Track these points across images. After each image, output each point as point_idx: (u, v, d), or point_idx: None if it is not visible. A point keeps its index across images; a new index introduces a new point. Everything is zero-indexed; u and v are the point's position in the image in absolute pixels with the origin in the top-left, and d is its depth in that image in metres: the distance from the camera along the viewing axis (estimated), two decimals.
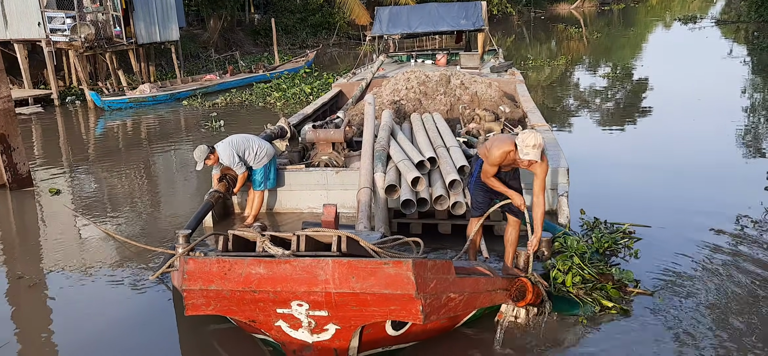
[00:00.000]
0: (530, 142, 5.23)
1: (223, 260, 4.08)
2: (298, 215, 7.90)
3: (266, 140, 8.17)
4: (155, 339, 5.68)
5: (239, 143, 7.42)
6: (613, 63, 26.78)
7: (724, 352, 5.03)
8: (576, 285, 5.69)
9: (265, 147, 7.56)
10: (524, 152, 5.25)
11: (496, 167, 5.52)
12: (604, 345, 5.18)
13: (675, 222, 7.61)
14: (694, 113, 14.62)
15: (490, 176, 5.58)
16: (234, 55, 28.53)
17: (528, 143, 5.23)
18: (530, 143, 5.22)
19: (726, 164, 10.47)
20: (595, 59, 28.40)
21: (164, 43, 24.42)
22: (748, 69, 22.71)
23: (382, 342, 4.71)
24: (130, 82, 22.49)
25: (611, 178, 9.89)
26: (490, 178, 5.59)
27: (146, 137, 15.61)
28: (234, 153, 7.29)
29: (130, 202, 9.80)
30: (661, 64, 24.65)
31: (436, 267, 4.18)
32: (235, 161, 7.31)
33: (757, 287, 6.07)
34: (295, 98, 18.89)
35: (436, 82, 11.81)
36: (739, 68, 22.59)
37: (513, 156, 5.39)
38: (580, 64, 26.58)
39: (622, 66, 25.50)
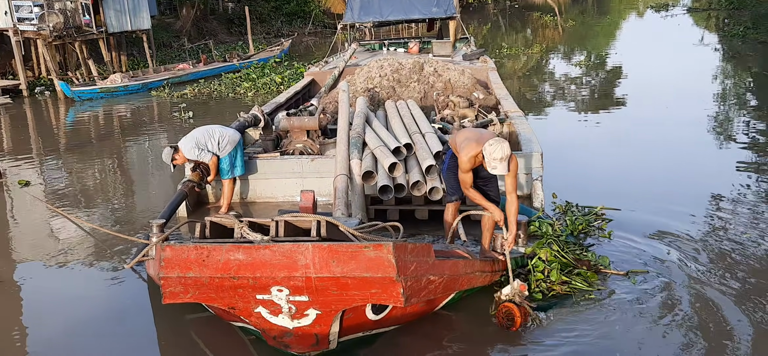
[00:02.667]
0: (497, 155, 5.19)
1: (201, 247, 4.05)
2: (273, 203, 7.85)
3: (239, 129, 8.10)
4: (132, 330, 5.60)
5: (200, 136, 7.31)
6: (587, 51, 27.01)
7: (697, 329, 5.11)
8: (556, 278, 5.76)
9: (227, 135, 7.44)
10: (492, 165, 5.23)
11: (469, 171, 5.51)
12: (580, 326, 5.24)
13: (646, 205, 7.72)
14: (667, 101, 14.81)
15: (468, 187, 5.56)
16: (207, 44, 28.19)
17: (495, 156, 5.19)
18: (498, 157, 5.19)
19: (697, 149, 10.64)
20: (569, 47, 28.59)
21: (135, 32, 24.04)
22: (719, 56, 23.09)
23: (363, 326, 4.72)
24: (100, 72, 22.12)
25: (584, 163, 9.99)
26: (469, 189, 5.57)
27: (118, 127, 15.40)
28: (195, 146, 7.18)
29: (102, 193, 9.68)
30: (634, 52, 24.90)
31: (416, 250, 4.20)
32: (197, 154, 7.20)
33: (728, 264, 6.19)
34: (266, 88, 18.73)
35: (410, 69, 11.80)
36: (710, 55, 22.96)
37: (480, 159, 5.38)
38: (555, 52, 26.75)
39: (596, 54, 25.72)
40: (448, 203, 5.92)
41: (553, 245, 6.00)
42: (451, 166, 5.79)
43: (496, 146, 5.21)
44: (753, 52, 22.81)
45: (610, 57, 24.24)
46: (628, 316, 5.35)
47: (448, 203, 5.92)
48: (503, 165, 5.20)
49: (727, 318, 5.25)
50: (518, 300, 5.22)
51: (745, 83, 17.73)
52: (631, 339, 5.01)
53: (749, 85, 17.39)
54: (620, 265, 6.22)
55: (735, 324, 5.15)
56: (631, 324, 5.23)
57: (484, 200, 5.59)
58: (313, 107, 9.92)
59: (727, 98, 15.74)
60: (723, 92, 16.66)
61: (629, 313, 5.41)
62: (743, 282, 5.83)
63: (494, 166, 5.22)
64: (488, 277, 5.54)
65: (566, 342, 5.01)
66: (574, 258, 6.05)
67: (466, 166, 5.45)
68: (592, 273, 5.95)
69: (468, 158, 5.41)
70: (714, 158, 10.21)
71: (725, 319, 5.23)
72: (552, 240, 6.08)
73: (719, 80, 18.47)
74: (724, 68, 20.61)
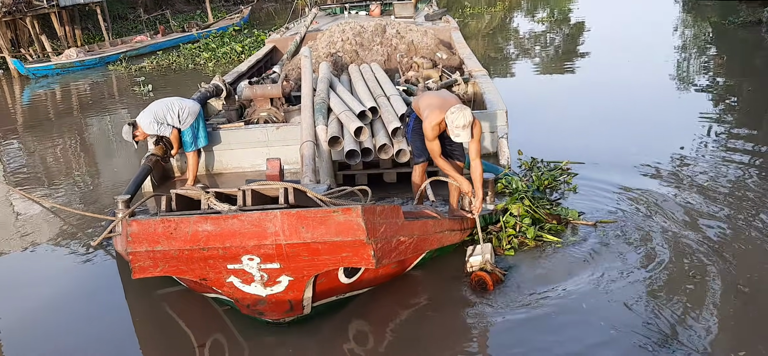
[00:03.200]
0: (460, 123, 5.18)
1: (167, 220, 4.01)
2: (240, 173, 7.78)
3: (201, 100, 7.97)
4: (104, 308, 5.53)
5: (158, 110, 7.14)
6: (550, 7, 27.08)
7: (663, 275, 5.24)
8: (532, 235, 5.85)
9: (187, 107, 7.30)
10: (455, 133, 5.23)
11: (435, 139, 5.50)
12: (550, 278, 5.34)
13: (610, 158, 7.84)
14: (629, 54, 14.98)
15: (438, 156, 5.56)
16: (165, 15, 27.62)
17: (457, 123, 5.19)
18: (460, 124, 5.18)
19: (659, 101, 10.82)
20: (532, 4, 28.69)
21: (89, 5, 23.47)
22: (679, 7, 23.41)
23: (336, 290, 4.75)
24: (55, 48, 21.57)
25: (549, 119, 10.09)
26: (439, 158, 5.58)
27: (77, 104, 15.08)
28: (154, 121, 7.04)
29: (65, 172, 9.50)
30: (596, 7, 25.08)
31: (385, 212, 4.21)
32: (157, 128, 7.07)
33: (691, 210, 6.34)
34: (226, 58, 18.48)
35: (372, 32, 11.71)
36: (671, 7, 23.25)
37: (445, 125, 5.37)
38: (518, 10, 26.81)
39: (558, 10, 25.82)
40: (415, 165, 5.94)
41: (525, 201, 6.08)
42: (416, 128, 5.79)
43: (458, 114, 5.20)
44: (711, 1, 23.16)
45: (572, 13, 24.39)
46: (597, 266, 5.46)
47: (415, 165, 5.94)
48: (466, 133, 5.22)
49: (693, 263, 5.38)
50: (490, 268, 5.29)
51: (705, 33, 18.03)
52: (600, 288, 5.11)
53: (708, 36, 17.69)
54: (587, 217, 6.33)
55: (700, 269, 5.28)
56: (599, 273, 5.33)
57: (452, 171, 5.61)
58: (276, 75, 9.80)
59: (687, 49, 15.99)
60: (683, 43, 16.92)
61: (597, 263, 5.51)
62: (707, 228, 5.98)
63: (457, 134, 5.23)
64: (458, 235, 5.59)
65: (537, 294, 5.10)
66: (546, 213, 6.14)
67: (431, 134, 5.44)
68: (562, 226, 6.06)
69: (432, 127, 5.40)
70: (676, 109, 10.39)
71: (691, 264, 5.36)
72: (523, 195, 6.15)
73: (680, 31, 18.73)
74: (684, 19, 20.89)
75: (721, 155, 7.84)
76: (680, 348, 4.30)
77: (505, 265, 5.53)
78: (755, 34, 16.69)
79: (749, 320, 4.60)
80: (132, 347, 4.96)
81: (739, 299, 4.84)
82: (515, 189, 6.29)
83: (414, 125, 5.80)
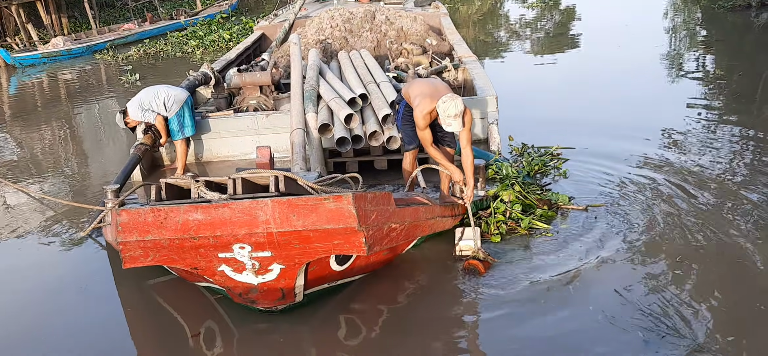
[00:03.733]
0: (451, 112, 5.15)
1: (157, 209, 3.99)
2: (230, 162, 7.75)
3: (189, 88, 7.93)
4: (95, 299, 5.49)
5: (144, 97, 7.15)
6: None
7: (653, 259, 5.27)
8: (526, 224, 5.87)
9: (173, 94, 7.28)
10: (446, 123, 5.21)
11: (426, 128, 5.47)
12: (540, 262, 5.36)
13: (601, 142, 7.85)
14: (619, 39, 15.00)
15: (429, 144, 5.54)
16: (152, 2, 27.34)
17: (449, 112, 5.15)
18: (452, 113, 5.15)
19: (649, 86, 10.84)
20: None
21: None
22: None
23: (328, 278, 4.75)
24: (41, 37, 21.36)
25: (539, 105, 10.09)
26: (430, 147, 5.55)
27: (65, 93, 14.95)
28: (139, 107, 7.04)
29: (53, 163, 9.44)
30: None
31: (376, 199, 4.21)
32: (141, 114, 7.06)
33: (681, 194, 6.37)
34: (214, 45, 18.34)
35: (361, 18, 11.67)
36: None
37: (435, 114, 5.35)
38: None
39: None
40: (406, 152, 5.92)
41: (515, 187, 6.09)
42: (406, 115, 5.77)
43: (449, 103, 5.17)
44: None
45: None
46: (587, 250, 5.48)
47: (406, 152, 5.92)
48: (458, 122, 5.20)
49: (683, 247, 5.41)
50: (482, 256, 5.31)
51: (695, 17, 18.08)
52: (591, 273, 5.14)
53: (698, 19, 17.74)
54: (578, 201, 6.34)
55: (690, 252, 5.32)
56: (590, 258, 5.35)
57: (443, 159, 5.60)
58: (265, 62, 9.74)
59: (677, 33, 16.03)
60: (674, 27, 16.96)
61: (587, 247, 5.54)
62: (697, 211, 6.01)
63: (449, 123, 5.20)
64: (449, 221, 5.60)
65: (528, 280, 5.12)
66: (536, 199, 6.16)
67: (422, 123, 5.42)
68: (553, 212, 6.08)
69: (423, 116, 5.37)
70: (666, 93, 10.41)
71: (682, 248, 5.39)
72: (514, 182, 6.16)
73: (670, 16, 18.76)
74: (674, 3, 20.93)
75: (711, 139, 7.88)
76: (671, 332, 4.32)
77: (494, 251, 5.54)
78: (745, 17, 16.75)
79: (741, 303, 4.63)
80: (123, 336, 4.95)
81: (730, 282, 4.88)
82: (506, 175, 6.30)
83: (404, 112, 5.78)
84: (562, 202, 6.25)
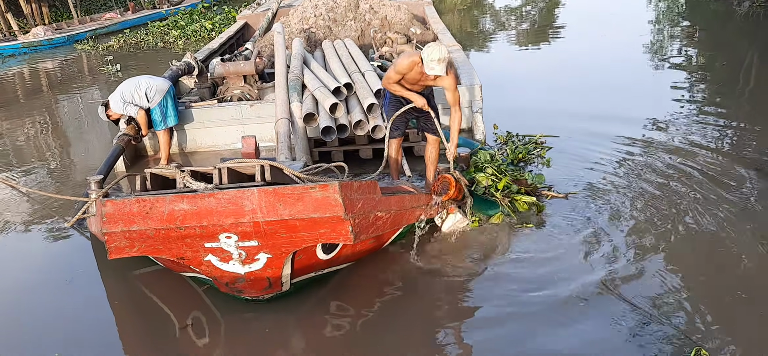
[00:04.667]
0: (435, 56, 5.10)
1: (143, 200, 3.98)
2: (214, 152, 7.72)
3: (172, 78, 7.88)
4: (81, 291, 5.44)
5: (125, 90, 7.10)
6: None
7: (635, 245, 5.33)
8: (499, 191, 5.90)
9: (155, 85, 7.23)
10: (430, 66, 5.16)
11: (400, 75, 5.40)
12: (520, 250, 5.41)
13: (584, 131, 7.91)
14: (603, 28, 15.08)
15: (393, 82, 5.47)
16: None
17: (433, 57, 5.11)
18: (435, 57, 5.11)
19: (633, 74, 10.92)
20: None
21: None
22: None
23: (314, 266, 4.76)
24: (21, 26, 21.07)
25: (524, 94, 10.14)
26: (392, 84, 5.48)
27: (47, 84, 14.78)
28: (120, 100, 6.99)
29: (36, 154, 9.34)
30: None
31: (362, 188, 4.22)
32: (123, 107, 7.01)
33: (664, 182, 6.43)
34: (196, 35, 18.19)
35: (345, 7, 11.63)
36: None
37: (420, 69, 5.29)
38: None
39: None
40: (391, 140, 5.89)
41: (488, 169, 6.11)
42: (392, 100, 5.76)
43: (433, 48, 5.15)
44: None
45: None
46: (568, 238, 5.54)
47: (391, 140, 5.89)
48: (441, 67, 5.13)
49: (668, 235, 5.47)
50: (457, 176, 5.41)
51: (678, 6, 18.19)
52: (570, 259, 5.19)
53: (681, 8, 17.86)
54: (559, 188, 6.39)
55: (669, 241, 5.38)
56: (569, 244, 5.41)
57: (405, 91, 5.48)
58: (249, 51, 9.69)
59: (660, 22, 16.14)
60: (657, 16, 17.07)
61: (568, 234, 5.59)
62: (678, 200, 6.06)
63: (432, 67, 5.14)
64: (434, 210, 5.61)
65: (508, 266, 5.17)
66: (512, 179, 6.17)
67: (403, 69, 5.33)
68: (529, 194, 6.10)
69: (409, 62, 5.30)
70: (649, 82, 10.48)
71: (666, 237, 5.45)
72: (487, 165, 6.18)
73: (653, 4, 18.89)
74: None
75: (694, 128, 7.95)
76: (656, 322, 4.37)
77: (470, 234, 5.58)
78: (726, 6, 16.91)
79: (724, 292, 4.68)
80: (110, 327, 4.93)
81: (715, 272, 4.94)
82: (482, 161, 6.31)
83: (390, 97, 5.77)
84: (538, 182, 6.29)
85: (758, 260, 4.98)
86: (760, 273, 4.82)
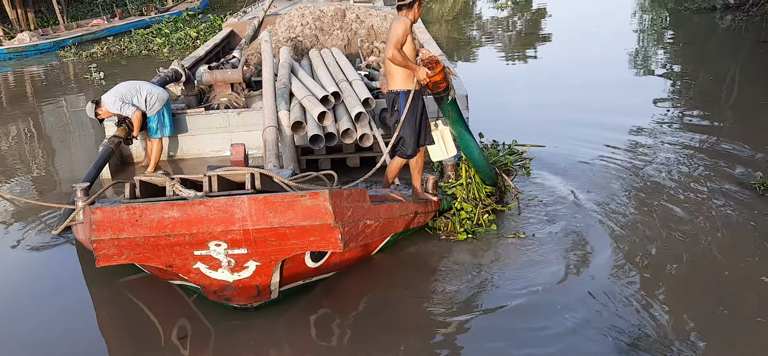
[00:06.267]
0: None
1: (132, 207, 3.98)
2: (201, 159, 7.72)
3: (159, 85, 7.88)
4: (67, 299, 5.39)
5: (125, 91, 7.11)
6: None
7: (620, 256, 5.39)
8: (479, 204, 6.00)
9: (155, 92, 7.26)
10: None
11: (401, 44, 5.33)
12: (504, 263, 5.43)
13: (570, 141, 7.99)
14: (589, 39, 15.25)
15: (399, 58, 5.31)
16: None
17: None
18: None
19: (618, 86, 11.05)
20: None
21: None
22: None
23: (303, 274, 4.78)
24: (6, 32, 20.91)
25: (511, 104, 10.22)
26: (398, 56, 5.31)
27: (32, 90, 14.68)
28: (118, 99, 6.99)
29: (21, 161, 9.27)
30: None
31: (351, 196, 4.25)
32: (120, 106, 7.00)
33: (646, 196, 6.50)
34: (181, 43, 18.14)
35: (332, 17, 11.70)
36: None
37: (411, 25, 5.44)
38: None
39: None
40: (402, 158, 5.80)
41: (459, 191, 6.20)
42: (411, 108, 5.52)
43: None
44: None
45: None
46: (554, 249, 5.56)
47: (402, 158, 5.80)
48: None
49: (648, 248, 5.52)
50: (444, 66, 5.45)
51: (662, 18, 18.45)
52: (557, 270, 5.22)
53: (665, 21, 18.10)
54: (544, 198, 6.47)
55: (655, 255, 5.40)
56: (555, 255, 5.44)
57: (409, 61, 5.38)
58: (236, 60, 9.71)
59: (645, 34, 16.35)
60: (641, 29, 17.30)
61: (554, 245, 5.61)
62: (662, 213, 6.09)
63: None
64: (422, 218, 5.66)
65: (495, 275, 5.21)
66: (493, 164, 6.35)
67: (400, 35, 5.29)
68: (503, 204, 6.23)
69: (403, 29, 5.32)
70: (634, 95, 10.52)
71: (647, 249, 5.49)
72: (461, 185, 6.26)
73: (638, 17, 19.14)
74: (642, 5, 21.35)
75: (677, 142, 8.00)
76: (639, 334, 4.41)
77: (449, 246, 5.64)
78: (710, 19, 17.13)
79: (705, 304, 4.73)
80: (97, 340, 4.88)
81: (695, 284, 4.98)
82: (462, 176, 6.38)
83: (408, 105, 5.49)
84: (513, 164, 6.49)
85: (740, 274, 5.01)
86: (742, 287, 4.85)
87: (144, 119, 7.21)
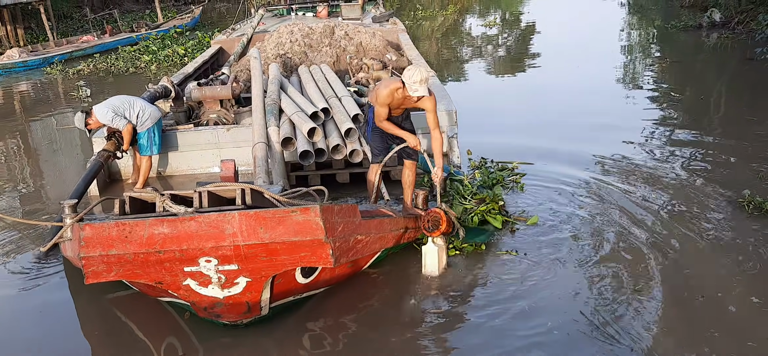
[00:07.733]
0: (417, 77, 5.33)
1: (122, 223, 3.96)
2: (191, 176, 7.69)
3: (148, 101, 7.87)
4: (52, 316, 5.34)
5: (118, 104, 7.11)
6: (501, 9, 27.52)
7: (611, 275, 5.39)
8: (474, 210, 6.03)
9: (148, 109, 7.26)
10: (413, 88, 5.35)
11: (386, 107, 5.59)
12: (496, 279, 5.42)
13: (559, 159, 7.98)
14: (578, 56, 15.36)
15: (383, 119, 5.65)
16: (112, 14, 26.84)
17: (415, 78, 5.34)
18: (417, 79, 5.33)
19: (606, 103, 11.09)
20: (484, 6, 29.09)
21: (31, 3, 22.64)
22: (625, 10, 24.29)
23: (293, 291, 4.76)
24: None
25: (499, 121, 10.25)
26: (383, 121, 5.66)
27: (21, 106, 14.60)
28: (110, 110, 6.97)
29: (8, 178, 9.18)
30: (546, 9, 25.67)
31: (342, 212, 4.25)
32: (111, 118, 6.99)
33: (634, 212, 6.52)
34: (169, 60, 18.07)
35: (321, 33, 11.74)
36: (617, 10, 24.19)
37: (401, 94, 5.49)
38: (471, 12, 27.19)
39: (510, 12, 26.27)
40: (373, 164, 5.97)
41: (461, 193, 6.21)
42: (376, 128, 5.83)
43: (414, 70, 5.39)
44: (655, 5, 24.09)
45: (523, 15, 24.89)
46: (546, 267, 5.54)
47: (373, 164, 5.97)
48: (424, 87, 5.37)
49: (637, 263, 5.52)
50: (445, 209, 5.45)
51: (650, 35, 18.66)
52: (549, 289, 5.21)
53: (653, 38, 18.31)
54: (530, 214, 6.47)
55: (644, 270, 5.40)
56: (547, 274, 5.43)
57: (398, 130, 5.70)
58: (225, 76, 9.71)
59: (633, 51, 16.53)
60: (630, 46, 17.49)
61: (546, 263, 5.59)
62: (653, 231, 6.08)
63: (415, 89, 5.36)
64: (412, 233, 5.65)
65: (488, 293, 5.20)
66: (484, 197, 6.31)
67: (385, 100, 5.54)
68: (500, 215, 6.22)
69: (388, 91, 5.51)
70: (623, 112, 10.52)
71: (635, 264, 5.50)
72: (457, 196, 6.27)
73: (626, 34, 19.35)
74: (630, 22, 21.58)
75: (666, 158, 8.01)
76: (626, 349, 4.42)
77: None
78: (696, 37, 17.30)
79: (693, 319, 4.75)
80: (84, 354, 4.85)
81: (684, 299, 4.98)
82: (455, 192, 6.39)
83: (375, 126, 5.83)
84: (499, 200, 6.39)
85: (731, 295, 5.00)
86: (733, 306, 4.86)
87: (134, 134, 7.19)
